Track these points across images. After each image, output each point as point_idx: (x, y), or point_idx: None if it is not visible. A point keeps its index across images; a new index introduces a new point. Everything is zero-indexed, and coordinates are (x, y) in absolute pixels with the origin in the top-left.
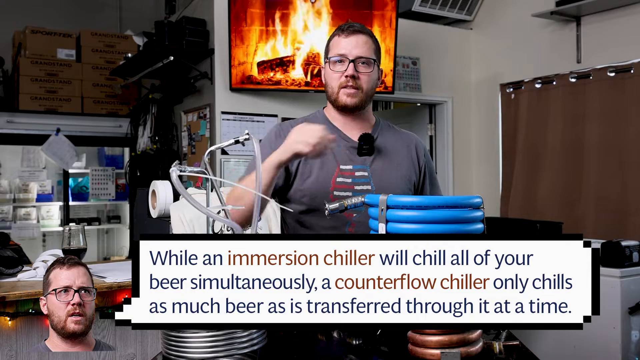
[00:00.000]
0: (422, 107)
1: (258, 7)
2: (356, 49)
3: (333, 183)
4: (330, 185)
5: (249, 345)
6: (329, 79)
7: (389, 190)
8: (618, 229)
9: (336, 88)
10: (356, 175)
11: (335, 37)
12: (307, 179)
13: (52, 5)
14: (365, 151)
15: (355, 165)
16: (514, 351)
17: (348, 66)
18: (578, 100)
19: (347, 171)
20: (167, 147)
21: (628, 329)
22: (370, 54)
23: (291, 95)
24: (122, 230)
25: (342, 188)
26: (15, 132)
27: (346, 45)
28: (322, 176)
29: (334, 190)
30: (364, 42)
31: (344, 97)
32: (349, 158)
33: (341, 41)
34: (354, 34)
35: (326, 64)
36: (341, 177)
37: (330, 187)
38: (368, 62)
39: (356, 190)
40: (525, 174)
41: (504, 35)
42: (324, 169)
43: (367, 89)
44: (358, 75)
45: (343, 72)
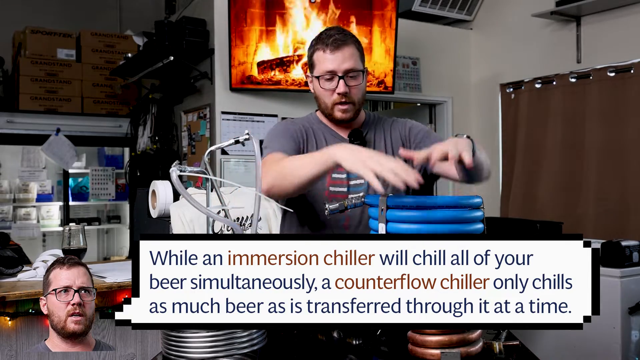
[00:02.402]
0: (422, 107)
1: (258, 7)
2: (344, 64)
3: (329, 180)
4: (326, 182)
5: (249, 345)
6: (321, 95)
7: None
8: (618, 229)
9: (330, 104)
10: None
11: (319, 52)
12: None
13: (52, 5)
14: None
15: None
16: (514, 351)
17: (339, 83)
18: (578, 100)
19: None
20: (167, 147)
21: (628, 329)
22: (358, 64)
23: (291, 95)
24: (122, 230)
25: (337, 184)
26: (15, 132)
27: (333, 61)
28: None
29: (329, 187)
30: (350, 55)
31: (339, 113)
32: None
33: (327, 57)
34: (339, 49)
35: (315, 78)
36: (336, 173)
37: (327, 184)
38: (357, 74)
39: (351, 185)
40: (525, 174)
41: (504, 35)
42: None
43: (359, 100)
44: (349, 89)
45: (334, 90)
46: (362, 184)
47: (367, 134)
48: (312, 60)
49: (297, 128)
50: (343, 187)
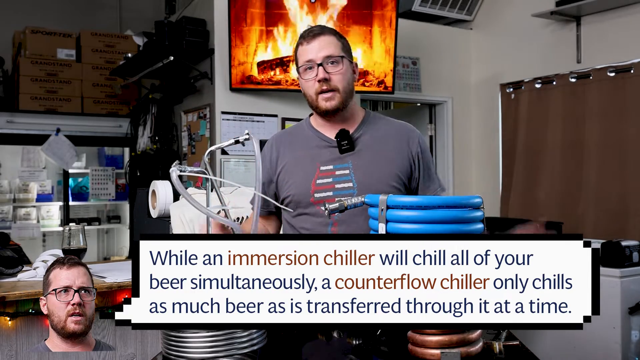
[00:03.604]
0: (422, 107)
1: (258, 7)
2: (321, 52)
3: (313, 185)
4: (310, 188)
5: (249, 345)
6: (305, 89)
7: (372, 185)
8: (618, 229)
9: (314, 95)
10: (336, 174)
11: (299, 47)
12: (288, 184)
13: (52, 5)
14: (345, 147)
15: (336, 165)
16: (514, 351)
17: (318, 70)
18: (578, 100)
19: (328, 171)
20: (167, 147)
21: (628, 329)
22: (336, 51)
23: (291, 95)
24: (122, 230)
25: (322, 189)
26: (15, 132)
27: (311, 50)
28: (302, 180)
29: (314, 193)
30: (327, 43)
31: (322, 102)
32: (329, 158)
33: (305, 48)
34: (316, 38)
35: (299, 73)
36: (321, 178)
37: (311, 190)
38: (337, 61)
39: (336, 189)
40: (525, 173)
41: (504, 35)
42: (304, 173)
43: (343, 88)
44: (330, 76)
45: (315, 78)
46: (349, 188)
47: (359, 135)
48: (296, 57)
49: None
50: (328, 191)
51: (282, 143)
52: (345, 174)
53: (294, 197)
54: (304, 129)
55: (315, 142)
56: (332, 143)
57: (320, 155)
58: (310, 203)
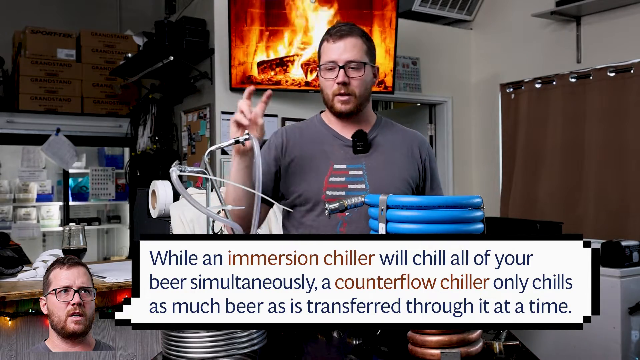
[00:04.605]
0: (422, 107)
1: (258, 7)
2: (345, 54)
3: (326, 183)
4: (323, 185)
5: (249, 345)
6: (323, 86)
7: (383, 188)
8: (618, 229)
9: (330, 95)
10: (350, 174)
11: (324, 43)
12: (299, 179)
13: (52, 5)
14: (360, 148)
15: (349, 165)
16: (514, 351)
17: (339, 73)
18: (578, 100)
19: (341, 170)
20: (167, 147)
21: (628, 329)
22: (360, 56)
23: (291, 95)
24: (122, 230)
25: (335, 187)
26: (15, 132)
27: (335, 51)
28: (315, 176)
29: (326, 190)
30: (352, 46)
31: (338, 104)
32: (343, 157)
33: (330, 47)
34: (342, 39)
35: (320, 70)
36: (334, 176)
37: (323, 187)
38: (359, 66)
39: (349, 189)
40: (525, 174)
41: (504, 35)
42: (317, 169)
43: (360, 93)
44: (349, 80)
45: (334, 79)
46: (362, 189)
47: (374, 136)
48: (319, 52)
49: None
50: (341, 190)
51: (292, 134)
52: (359, 174)
53: (305, 192)
54: (315, 125)
55: (329, 139)
56: (347, 142)
57: (334, 153)
58: (321, 200)
